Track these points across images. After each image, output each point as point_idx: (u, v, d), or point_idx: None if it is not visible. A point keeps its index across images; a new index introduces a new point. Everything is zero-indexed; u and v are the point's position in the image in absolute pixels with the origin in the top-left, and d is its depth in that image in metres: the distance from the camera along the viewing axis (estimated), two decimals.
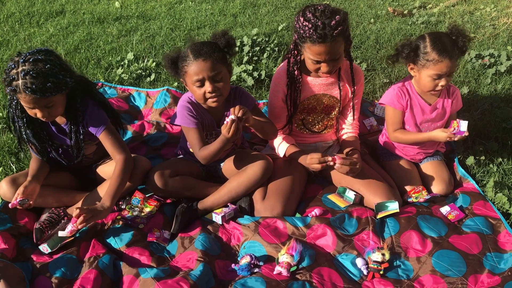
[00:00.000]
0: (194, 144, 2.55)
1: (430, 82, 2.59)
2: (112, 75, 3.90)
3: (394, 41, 4.33)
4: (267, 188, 2.65)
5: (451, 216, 2.51)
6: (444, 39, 2.54)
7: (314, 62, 2.46)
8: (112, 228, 2.47)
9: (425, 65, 2.56)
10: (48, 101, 2.28)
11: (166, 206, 2.64)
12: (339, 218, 2.48)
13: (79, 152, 2.58)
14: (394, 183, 2.73)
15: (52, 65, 2.25)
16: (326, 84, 2.68)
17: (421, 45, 2.57)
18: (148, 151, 3.08)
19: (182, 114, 2.56)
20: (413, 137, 2.72)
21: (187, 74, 2.44)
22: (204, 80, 2.41)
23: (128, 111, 3.46)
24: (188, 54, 2.43)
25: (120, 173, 2.46)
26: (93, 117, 2.49)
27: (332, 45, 2.36)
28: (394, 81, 3.80)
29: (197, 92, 2.46)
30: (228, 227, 2.50)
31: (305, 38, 2.37)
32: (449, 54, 2.49)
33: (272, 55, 4.10)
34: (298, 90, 2.64)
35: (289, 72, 2.63)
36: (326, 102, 2.73)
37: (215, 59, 2.42)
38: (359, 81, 2.73)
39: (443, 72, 2.53)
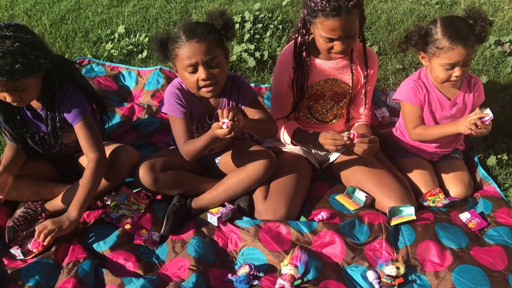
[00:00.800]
0: (178, 136, 2.27)
1: (442, 73, 2.31)
2: (101, 50, 3.57)
3: (407, 23, 4.01)
4: (269, 187, 2.39)
5: (472, 224, 2.27)
6: (458, 24, 2.25)
7: (326, 40, 2.18)
8: (95, 228, 2.21)
9: (436, 54, 2.28)
10: (17, 84, 1.99)
11: (156, 203, 2.37)
12: (348, 224, 2.23)
13: (56, 140, 2.29)
14: (408, 184, 2.47)
15: (22, 44, 1.95)
16: (337, 68, 2.39)
17: (431, 31, 2.28)
18: (137, 138, 2.79)
19: (169, 100, 2.27)
20: (437, 131, 2.44)
21: (177, 57, 2.13)
22: (198, 65, 2.11)
23: (116, 91, 3.16)
24: (179, 35, 2.11)
25: (91, 176, 2.18)
26: (72, 104, 2.20)
27: (348, 19, 2.09)
28: (407, 67, 3.50)
29: (189, 79, 2.16)
30: (225, 230, 2.25)
31: (316, 12, 2.10)
32: (462, 40, 2.20)
33: (276, 33, 3.77)
34: (306, 73, 2.36)
35: (296, 54, 2.35)
36: (336, 89, 2.45)
37: (211, 41, 2.11)
38: (373, 65, 2.46)
39: (455, 61, 2.24)
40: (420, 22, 4.09)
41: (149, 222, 2.27)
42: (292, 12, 4.17)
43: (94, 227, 2.21)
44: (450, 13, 4.28)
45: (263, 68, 3.46)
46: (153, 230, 2.23)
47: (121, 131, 2.81)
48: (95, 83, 3.10)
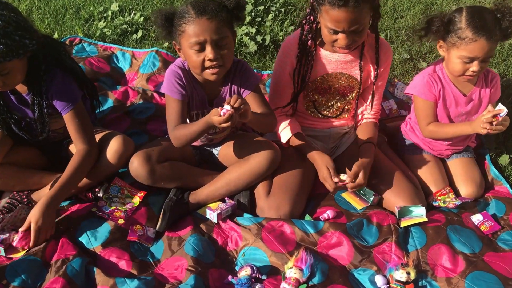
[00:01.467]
0: (171, 118, 2.10)
1: (458, 65, 2.17)
2: (93, 29, 3.37)
3: (414, 10, 3.86)
4: (271, 182, 2.25)
5: (484, 227, 2.16)
6: (485, 15, 2.10)
7: (330, 32, 2.02)
8: (86, 223, 2.05)
9: (456, 44, 2.13)
10: (1, 68, 1.82)
11: (151, 197, 2.22)
12: (356, 225, 2.10)
13: (43, 127, 2.13)
14: (418, 183, 2.35)
15: (6, 23, 1.77)
16: (345, 62, 2.23)
17: (455, 18, 2.13)
18: (131, 125, 2.62)
19: (168, 79, 2.11)
20: (452, 130, 2.30)
21: (184, 34, 1.96)
22: (206, 43, 1.95)
23: (109, 73, 2.97)
24: (189, 10, 1.95)
25: (74, 169, 2.05)
26: (61, 91, 2.04)
27: (355, 12, 1.92)
28: (415, 57, 3.36)
29: (194, 58, 1.99)
30: (225, 227, 2.11)
31: (323, 0, 1.93)
32: (487, 33, 2.05)
33: (278, 16, 3.60)
34: (310, 64, 2.20)
35: (301, 42, 2.18)
36: (344, 83, 2.29)
37: (222, 20, 1.96)
38: (386, 60, 2.29)
39: (475, 55, 2.10)
40: (428, 9, 3.94)
41: (143, 217, 2.12)
42: None
43: (85, 221, 2.05)
44: (457, 1, 4.13)
45: (264, 53, 3.29)
46: (148, 226, 2.09)
47: (114, 116, 2.64)
48: (87, 64, 2.92)
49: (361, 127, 2.42)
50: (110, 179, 2.21)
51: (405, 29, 3.63)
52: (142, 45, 3.26)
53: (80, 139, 2.11)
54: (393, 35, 3.57)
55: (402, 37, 3.56)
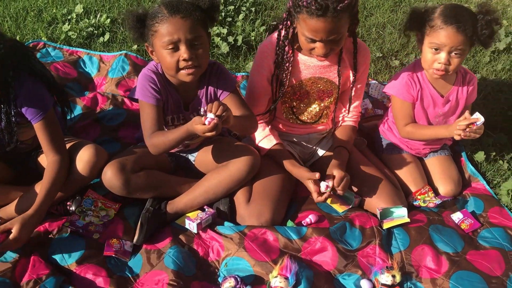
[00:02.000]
0: (146, 125, 2.01)
1: (428, 54, 2.18)
2: (57, 32, 3.23)
3: (383, 8, 3.87)
4: (251, 188, 2.19)
5: (465, 225, 2.17)
6: (461, 10, 2.12)
7: (308, 40, 1.97)
8: (59, 239, 1.95)
9: (427, 32, 2.16)
10: None
11: (127, 208, 2.13)
12: (339, 228, 2.07)
13: (11, 137, 2.00)
14: (398, 183, 2.34)
15: None
16: (323, 67, 2.19)
17: (431, 10, 2.16)
18: (102, 132, 2.52)
19: (142, 84, 2.02)
20: (429, 133, 2.30)
21: (157, 33, 1.89)
22: (179, 42, 1.88)
23: (77, 79, 2.84)
24: (161, 9, 1.89)
25: (51, 181, 1.95)
26: (31, 99, 1.93)
27: (334, 22, 1.87)
28: (387, 55, 3.36)
29: (168, 58, 1.92)
30: (205, 237, 2.04)
31: (300, 8, 1.88)
32: (455, 23, 2.06)
33: (249, 16, 3.54)
34: (288, 70, 2.15)
35: (278, 47, 2.13)
36: (322, 87, 2.25)
37: (196, 19, 1.90)
38: (364, 63, 2.25)
39: (442, 43, 2.10)
40: (396, 7, 3.96)
41: (120, 230, 2.03)
42: None
43: (58, 237, 1.95)
44: None
45: (237, 54, 3.23)
46: (125, 239, 2.00)
47: (83, 124, 2.53)
48: (53, 70, 2.78)
49: (339, 130, 2.39)
50: (83, 192, 2.11)
51: (375, 26, 3.64)
52: (110, 48, 3.14)
53: (52, 150, 2.01)
54: (364, 34, 3.57)
55: (373, 35, 3.56)
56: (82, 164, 2.06)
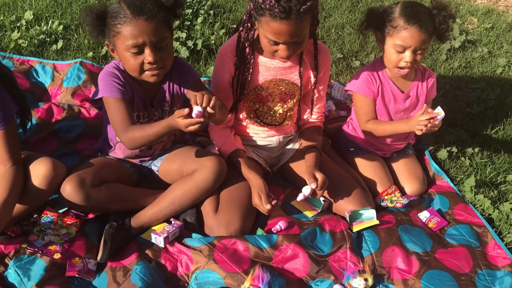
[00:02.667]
0: (118, 119, 1.92)
1: (393, 55, 2.20)
2: (6, 40, 3.06)
3: (341, 8, 3.89)
4: (218, 197, 2.14)
5: (432, 223, 2.19)
6: (419, 8, 2.17)
7: (271, 43, 1.95)
8: (16, 261, 1.82)
9: (389, 33, 2.18)
10: None
11: (88, 224, 2.03)
12: (310, 234, 2.05)
13: None
14: (365, 184, 2.34)
15: None
16: (284, 68, 2.17)
17: (390, 9, 2.18)
18: (59, 145, 2.40)
19: (104, 81, 1.95)
20: (389, 128, 2.31)
21: (120, 35, 1.83)
22: (144, 46, 1.83)
23: (29, 89, 2.70)
24: (123, 9, 1.81)
25: (9, 190, 1.84)
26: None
27: (297, 24, 1.86)
28: (348, 56, 3.37)
29: (131, 61, 1.86)
30: (173, 251, 1.97)
31: (263, 10, 1.85)
32: (418, 22, 2.10)
33: (208, 19, 3.47)
34: (249, 71, 2.12)
35: (239, 49, 2.10)
36: (284, 89, 2.22)
37: (161, 20, 1.85)
38: (325, 64, 2.24)
39: (406, 43, 2.13)
40: (354, 7, 3.99)
41: (82, 248, 1.93)
42: None
43: (15, 260, 1.83)
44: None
45: (197, 58, 3.16)
46: (88, 258, 1.90)
47: (39, 137, 2.39)
48: None
49: (305, 132, 2.37)
50: (40, 210, 1.99)
51: (334, 27, 3.65)
52: (64, 56, 3.01)
53: (9, 159, 1.90)
54: (324, 35, 3.57)
55: (333, 36, 3.56)
56: (38, 180, 1.94)
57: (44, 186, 1.95)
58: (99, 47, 3.08)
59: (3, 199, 1.83)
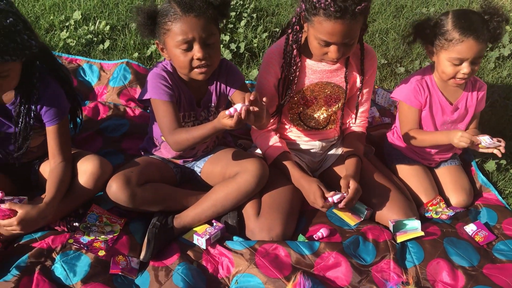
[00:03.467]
0: (165, 122, 1.96)
1: (448, 68, 2.13)
2: (55, 39, 3.15)
3: (385, 14, 3.83)
4: (260, 201, 2.13)
5: (479, 237, 2.12)
6: (472, 16, 2.08)
7: (321, 44, 1.93)
8: (62, 256, 1.86)
9: (444, 46, 2.10)
10: (3, 67, 1.71)
11: (132, 223, 2.06)
12: (352, 243, 2.01)
13: (24, 142, 1.96)
14: (409, 194, 2.29)
15: (16, 20, 1.67)
16: (331, 71, 2.15)
17: (441, 21, 2.11)
18: (104, 144, 2.44)
19: (153, 83, 1.99)
20: (429, 139, 2.26)
21: (170, 32, 1.87)
22: (194, 41, 1.86)
23: (77, 88, 2.74)
24: (173, 7, 1.86)
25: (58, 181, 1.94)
26: (53, 101, 1.92)
27: (351, 24, 1.85)
28: (392, 62, 3.32)
29: (181, 58, 1.90)
30: (214, 253, 1.98)
31: (317, 10, 1.83)
32: (474, 33, 2.02)
33: (251, 23, 3.48)
34: (295, 74, 2.11)
35: (286, 52, 2.08)
36: (329, 92, 2.20)
37: (210, 17, 1.88)
38: (371, 67, 2.21)
39: (464, 56, 2.07)
40: (398, 12, 3.92)
41: (125, 246, 1.95)
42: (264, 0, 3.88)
43: (61, 255, 1.87)
44: (426, 3, 4.15)
45: (239, 61, 3.17)
46: (131, 256, 1.92)
47: (86, 135, 2.45)
48: None
49: (347, 138, 2.34)
50: (86, 206, 2.03)
51: (378, 32, 3.60)
52: (110, 56, 3.07)
53: (59, 155, 1.99)
54: (368, 40, 3.52)
55: (377, 41, 3.51)
56: (86, 177, 2.00)
57: (91, 183, 2.00)
58: (145, 48, 3.13)
59: (50, 194, 1.89)
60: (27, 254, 1.83)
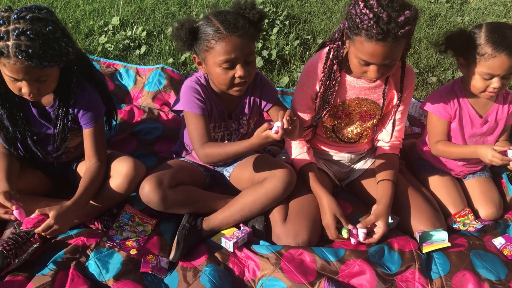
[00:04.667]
0: (196, 135, 2.02)
1: (479, 82, 2.12)
2: (94, 44, 3.28)
3: (419, 22, 3.81)
4: (287, 207, 2.17)
5: (507, 251, 2.10)
6: (505, 31, 2.05)
7: (361, 63, 1.92)
8: (96, 254, 1.95)
9: (475, 61, 2.08)
10: (42, 73, 1.80)
11: (163, 224, 2.13)
12: (378, 252, 2.03)
13: (62, 142, 2.07)
14: (437, 205, 2.28)
15: (54, 28, 1.77)
16: (369, 88, 2.15)
17: (474, 35, 2.08)
18: (138, 146, 2.54)
19: (186, 95, 2.05)
20: (457, 151, 2.27)
21: (212, 50, 1.91)
22: (236, 61, 1.91)
23: (113, 91, 2.87)
24: (216, 25, 1.90)
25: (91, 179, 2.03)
26: (88, 105, 2.02)
27: (392, 47, 1.82)
28: (424, 71, 3.31)
29: (223, 76, 1.95)
30: (241, 256, 2.03)
31: (359, 30, 1.82)
32: (507, 48, 2.00)
33: (283, 30, 3.53)
34: (334, 89, 2.11)
35: (326, 66, 2.09)
36: (366, 108, 2.21)
37: (251, 36, 1.94)
38: (409, 85, 2.20)
39: (495, 72, 2.05)
40: (432, 21, 3.90)
41: (156, 246, 2.03)
42: (297, 7, 3.93)
43: (95, 252, 1.96)
44: (461, 12, 4.11)
45: (271, 68, 3.22)
46: (161, 256, 2.00)
47: (121, 138, 2.55)
48: None
49: (382, 159, 2.30)
50: (120, 206, 2.12)
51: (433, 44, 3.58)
52: (146, 61, 3.17)
53: (94, 156, 2.08)
54: None
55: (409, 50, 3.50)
56: (120, 178, 2.07)
57: (125, 184, 2.08)
58: (179, 54, 3.22)
59: (85, 184, 2.00)
60: (64, 250, 1.93)
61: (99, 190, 2.07)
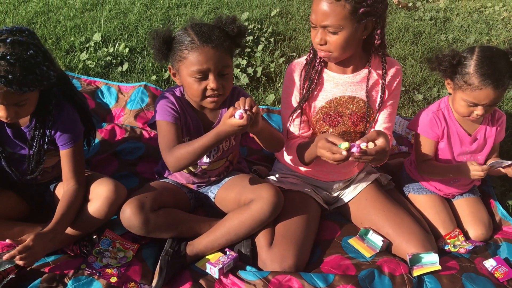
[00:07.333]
0: (165, 141, 1.94)
1: (463, 108, 2.11)
2: (75, 61, 3.20)
3: (403, 40, 3.82)
4: (273, 230, 2.10)
5: (499, 273, 2.06)
6: (496, 61, 2.01)
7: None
8: (75, 281, 1.85)
9: (462, 87, 2.07)
10: (22, 98, 1.75)
11: (145, 249, 2.04)
12: (368, 276, 1.97)
13: (38, 165, 1.98)
14: (427, 226, 2.24)
15: (36, 52, 1.71)
16: (354, 83, 2.08)
17: (464, 61, 2.06)
18: (120, 167, 2.45)
19: (160, 106, 1.99)
20: (442, 172, 2.26)
21: (185, 61, 1.87)
22: (209, 72, 1.87)
23: (94, 110, 2.79)
24: (191, 36, 1.86)
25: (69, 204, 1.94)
26: (67, 126, 1.95)
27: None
28: (410, 89, 3.29)
29: (194, 86, 1.90)
30: (227, 283, 1.95)
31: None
32: (494, 82, 1.99)
33: (268, 47, 3.50)
34: (314, 77, 2.07)
35: (307, 62, 2.09)
36: (355, 108, 2.12)
37: (226, 49, 1.89)
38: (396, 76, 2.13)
39: (480, 102, 2.05)
40: (416, 38, 3.91)
41: (137, 273, 1.94)
42: (282, 24, 3.90)
43: (73, 280, 1.86)
44: (444, 29, 4.13)
45: (256, 86, 3.18)
46: (143, 283, 1.91)
47: (102, 158, 2.46)
48: None
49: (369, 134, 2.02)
50: (100, 230, 2.03)
51: (396, 58, 3.57)
52: (128, 78, 3.10)
53: (72, 178, 2.00)
54: None
55: None
56: (100, 201, 1.99)
57: (105, 208, 1.99)
58: (163, 70, 3.16)
59: (62, 209, 1.91)
60: (39, 279, 1.83)
61: (78, 214, 1.98)
